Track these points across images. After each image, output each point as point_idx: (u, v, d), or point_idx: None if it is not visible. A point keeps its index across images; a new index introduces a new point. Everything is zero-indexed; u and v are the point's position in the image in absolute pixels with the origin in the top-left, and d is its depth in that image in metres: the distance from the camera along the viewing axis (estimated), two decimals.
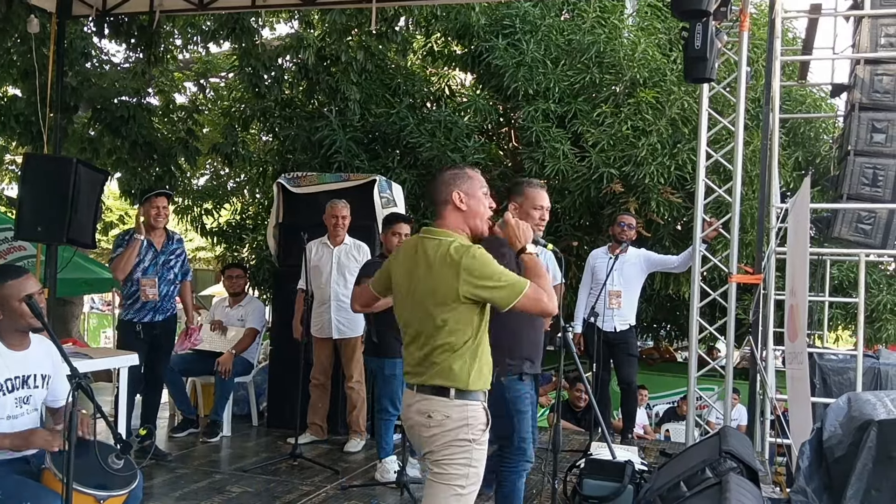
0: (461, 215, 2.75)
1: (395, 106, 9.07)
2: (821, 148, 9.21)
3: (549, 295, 2.62)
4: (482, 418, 2.68)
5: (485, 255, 2.62)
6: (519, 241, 2.75)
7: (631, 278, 6.32)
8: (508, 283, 2.58)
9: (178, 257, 5.64)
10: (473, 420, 2.66)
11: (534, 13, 8.99)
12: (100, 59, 10.24)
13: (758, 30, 8.46)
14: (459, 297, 2.59)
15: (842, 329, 10.46)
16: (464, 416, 2.64)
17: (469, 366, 2.65)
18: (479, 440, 2.67)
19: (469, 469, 2.65)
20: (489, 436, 2.75)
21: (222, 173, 12.81)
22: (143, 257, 5.44)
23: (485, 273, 2.58)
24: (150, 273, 5.44)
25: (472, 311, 2.64)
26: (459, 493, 2.64)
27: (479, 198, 2.76)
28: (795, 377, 4.88)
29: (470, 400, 2.66)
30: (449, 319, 2.63)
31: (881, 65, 5.66)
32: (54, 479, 2.79)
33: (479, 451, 2.67)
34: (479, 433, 2.67)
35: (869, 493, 2.92)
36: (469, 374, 2.65)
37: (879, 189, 5.54)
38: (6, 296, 2.98)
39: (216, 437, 6.04)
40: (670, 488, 3.67)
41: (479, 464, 2.68)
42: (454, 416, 2.64)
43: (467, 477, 2.65)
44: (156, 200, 5.49)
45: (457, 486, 2.64)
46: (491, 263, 2.61)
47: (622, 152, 8.00)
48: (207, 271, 17.46)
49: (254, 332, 6.49)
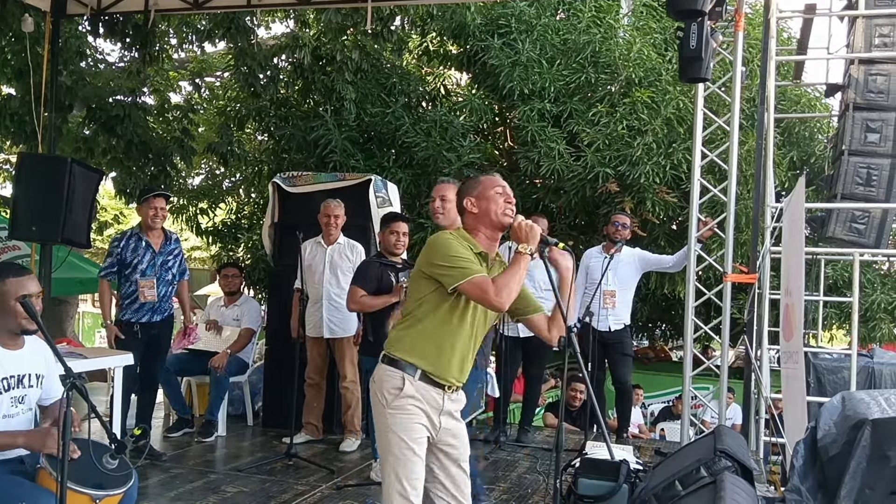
0: (474, 217, 2.95)
1: (390, 105, 9.07)
2: (815, 148, 9.24)
3: (502, 290, 2.72)
4: (396, 383, 2.80)
5: (448, 240, 2.84)
6: (520, 240, 2.84)
7: (626, 278, 6.32)
8: (458, 268, 2.75)
9: (176, 257, 5.63)
10: (387, 384, 2.82)
11: (529, 13, 9.00)
12: (95, 58, 10.23)
13: (753, 30, 8.48)
14: (420, 270, 2.87)
15: (836, 328, 10.50)
16: (380, 378, 2.85)
17: (404, 336, 2.87)
18: (393, 405, 2.79)
19: (389, 434, 2.78)
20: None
21: (217, 173, 12.82)
22: (142, 258, 5.42)
23: (441, 254, 2.80)
24: (149, 274, 5.41)
25: (429, 286, 2.84)
26: (386, 458, 2.79)
27: (489, 197, 2.91)
28: (791, 376, 4.89)
29: (390, 366, 2.84)
30: (411, 291, 2.94)
31: (875, 65, 5.68)
32: (49, 478, 2.79)
33: (394, 415, 2.78)
34: (391, 397, 2.79)
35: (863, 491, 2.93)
36: (398, 343, 2.87)
37: (873, 189, 5.56)
38: (4, 292, 2.97)
39: (211, 437, 6.03)
40: (665, 487, 3.68)
41: (399, 428, 2.77)
42: (376, 378, 2.88)
43: (388, 442, 2.78)
44: (153, 201, 5.47)
45: (383, 453, 2.82)
46: (450, 247, 2.80)
47: (617, 152, 8.01)
48: (203, 271, 17.45)
49: (250, 332, 6.49)
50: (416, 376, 2.81)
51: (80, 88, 8.91)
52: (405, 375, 2.81)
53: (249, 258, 10.34)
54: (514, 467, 5.61)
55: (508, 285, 2.74)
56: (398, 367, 2.82)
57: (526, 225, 2.86)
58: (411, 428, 2.79)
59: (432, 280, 2.82)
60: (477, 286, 2.73)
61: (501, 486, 5.11)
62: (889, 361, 5.88)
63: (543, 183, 8.66)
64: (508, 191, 2.98)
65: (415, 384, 2.80)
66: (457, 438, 2.95)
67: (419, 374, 2.82)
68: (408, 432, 2.78)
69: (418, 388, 2.81)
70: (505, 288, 2.73)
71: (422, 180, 8.72)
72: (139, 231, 5.48)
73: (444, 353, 2.85)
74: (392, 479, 2.74)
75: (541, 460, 5.79)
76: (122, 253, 5.38)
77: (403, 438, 2.76)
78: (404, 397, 2.79)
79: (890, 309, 9.03)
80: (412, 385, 2.80)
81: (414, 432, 2.79)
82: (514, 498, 4.86)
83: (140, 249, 5.40)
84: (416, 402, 2.80)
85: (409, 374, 2.81)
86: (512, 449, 6.12)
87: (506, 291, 2.73)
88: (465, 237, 2.92)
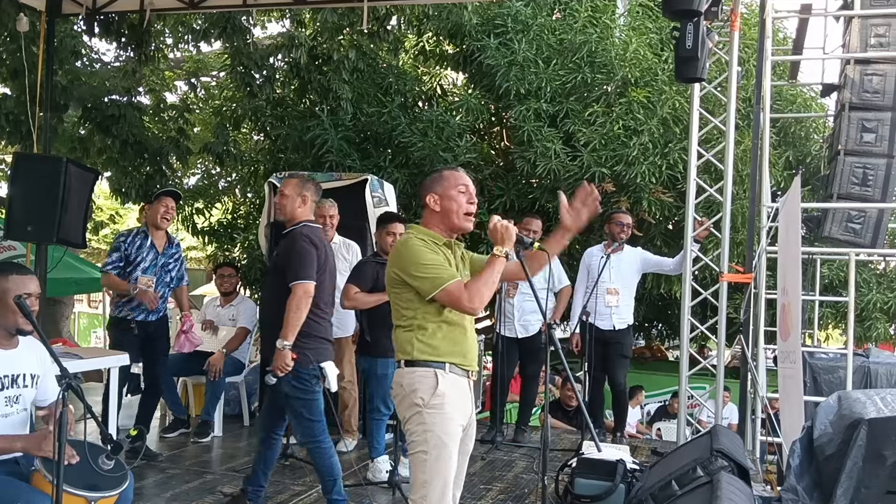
0: (437, 216, 2.94)
1: (386, 105, 9.06)
2: (811, 147, 9.24)
3: (475, 297, 2.76)
4: (430, 382, 2.81)
5: (415, 246, 2.84)
6: (496, 242, 2.84)
7: (628, 277, 6.32)
8: (429, 277, 2.78)
9: (177, 262, 5.66)
10: (420, 385, 2.82)
11: (525, 13, 9.00)
12: (90, 57, 10.20)
13: (749, 29, 8.49)
14: (394, 278, 2.88)
15: (832, 328, 10.52)
16: (411, 383, 2.84)
17: (415, 339, 2.85)
18: (430, 404, 2.80)
19: (427, 434, 2.78)
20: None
21: (213, 172, 12.79)
22: (145, 257, 5.45)
23: (411, 262, 2.82)
24: (149, 273, 5.45)
25: (409, 289, 2.85)
26: (424, 458, 2.78)
27: (451, 196, 2.91)
28: (788, 375, 4.90)
29: (417, 367, 2.84)
30: (394, 299, 2.93)
31: (871, 65, 5.68)
32: (44, 480, 2.78)
33: (431, 414, 2.79)
34: (428, 397, 2.80)
35: (859, 490, 2.94)
36: (413, 346, 2.85)
37: (869, 188, 5.58)
38: (5, 289, 2.97)
39: (207, 438, 6.02)
40: (662, 487, 3.69)
41: (437, 428, 2.78)
42: (404, 384, 2.87)
43: (427, 442, 2.78)
44: (164, 199, 5.48)
45: (419, 451, 2.80)
46: (419, 254, 2.81)
47: (614, 152, 8.01)
48: (199, 271, 17.41)
49: (245, 331, 6.47)
50: (447, 369, 2.85)
51: (75, 88, 8.89)
52: (437, 371, 2.83)
53: (245, 258, 10.32)
54: (510, 467, 5.61)
55: (481, 291, 2.78)
56: (427, 366, 2.84)
57: (502, 226, 2.85)
58: (450, 428, 2.81)
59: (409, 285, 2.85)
60: (449, 294, 2.77)
61: (498, 486, 5.10)
62: (885, 361, 5.90)
63: (540, 183, 8.66)
64: (472, 189, 2.97)
65: (447, 377, 2.84)
66: (472, 427, 3.03)
67: (448, 366, 2.86)
68: (447, 431, 2.80)
69: (450, 381, 2.84)
70: (477, 294, 2.77)
71: (418, 180, 8.70)
72: (146, 230, 5.50)
73: (460, 343, 2.90)
74: (428, 478, 2.76)
75: (537, 460, 5.79)
76: (128, 249, 5.41)
77: (443, 438, 2.78)
78: (440, 395, 2.81)
79: (886, 308, 9.04)
80: (445, 380, 2.83)
81: (452, 432, 2.82)
82: (511, 498, 4.86)
83: (145, 248, 5.44)
84: (451, 398, 2.83)
85: (440, 369, 2.84)
86: (509, 449, 6.12)
87: (478, 298, 2.78)
88: (428, 234, 2.92)
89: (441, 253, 2.88)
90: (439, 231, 2.93)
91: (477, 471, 5.42)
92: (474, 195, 2.96)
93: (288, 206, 4.10)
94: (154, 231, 5.50)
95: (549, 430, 2.98)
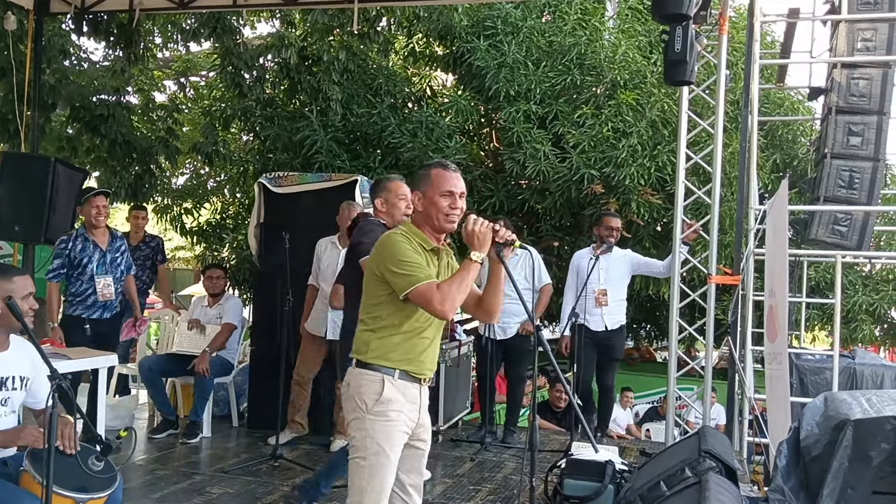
0: (420, 216, 2.88)
1: (376, 106, 9.06)
2: (798, 150, 9.29)
3: (446, 299, 2.69)
4: (375, 388, 2.75)
5: (398, 242, 2.77)
6: (472, 246, 2.75)
7: (618, 279, 6.36)
8: (406, 274, 2.71)
9: (122, 254, 5.69)
10: (365, 389, 2.76)
11: (515, 15, 9.02)
12: (78, 56, 10.14)
13: (737, 33, 8.54)
14: (373, 272, 2.81)
15: (818, 329, 10.57)
16: (357, 385, 2.79)
17: (372, 340, 2.80)
18: (373, 410, 2.74)
19: (367, 440, 2.73)
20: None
21: (202, 172, 12.74)
22: (91, 258, 5.44)
23: (391, 257, 2.74)
24: (101, 272, 5.46)
25: (386, 287, 2.78)
26: (362, 465, 2.74)
27: (433, 201, 2.82)
28: (775, 377, 4.93)
29: (369, 370, 2.78)
30: (366, 294, 2.85)
31: (857, 69, 5.73)
32: (33, 481, 2.77)
33: (373, 421, 2.74)
34: (371, 403, 2.74)
35: (845, 491, 2.96)
36: (368, 348, 2.80)
37: (855, 191, 5.62)
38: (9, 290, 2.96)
39: (196, 438, 6.00)
40: (650, 488, 3.70)
41: (378, 435, 2.73)
42: (351, 384, 2.82)
43: (366, 448, 2.73)
44: (95, 200, 5.51)
45: (358, 457, 2.75)
46: (400, 250, 2.74)
47: (603, 153, 8.04)
48: (187, 271, 17.33)
49: (230, 327, 6.38)
50: (396, 376, 2.78)
51: (63, 87, 8.83)
52: (385, 377, 2.77)
53: (234, 258, 10.30)
54: (499, 468, 5.62)
55: (452, 295, 2.70)
56: (376, 371, 2.78)
57: (479, 231, 2.74)
58: (392, 436, 2.75)
59: (385, 282, 2.78)
60: (421, 294, 2.69)
61: (487, 486, 5.12)
62: (870, 362, 5.95)
63: (529, 184, 8.69)
64: (458, 191, 2.83)
65: (395, 384, 2.77)
66: (427, 432, 2.96)
67: (398, 373, 2.79)
68: (388, 440, 2.74)
69: (399, 388, 2.78)
70: (448, 298, 2.69)
71: (408, 181, 8.70)
72: (84, 231, 5.50)
73: (418, 349, 2.83)
74: (365, 484, 2.72)
75: (526, 461, 5.80)
76: (69, 254, 5.41)
77: (383, 446, 2.73)
78: (385, 402, 2.75)
79: (871, 310, 9.11)
80: (392, 386, 2.77)
81: (395, 440, 2.76)
82: (500, 499, 4.87)
83: (88, 249, 5.44)
84: (397, 405, 2.77)
85: (389, 375, 2.77)
86: (498, 450, 6.13)
87: (449, 301, 2.70)
88: (415, 233, 2.85)
89: (424, 256, 2.80)
90: (427, 232, 2.86)
91: (466, 472, 5.44)
92: (459, 199, 2.83)
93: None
94: (93, 231, 5.50)
95: (537, 431, 2.96)
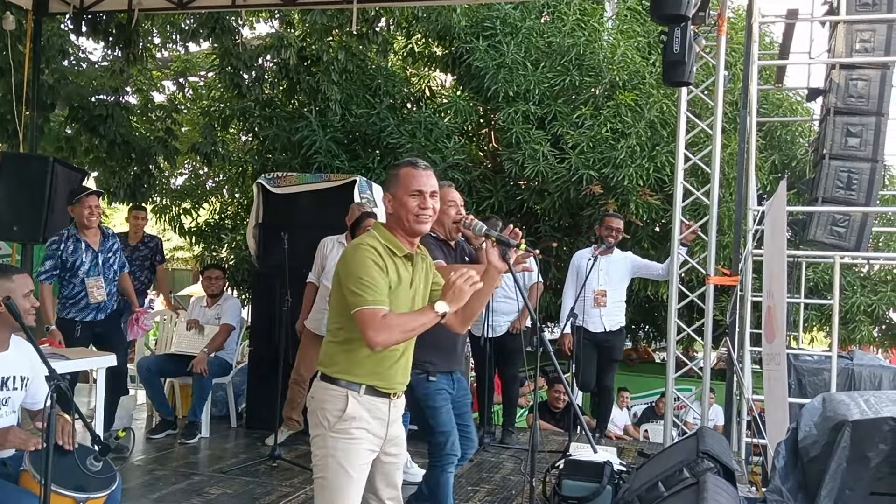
0: (391, 218, 2.70)
1: (375, 106, 9.07)
2: (797, 151, 9.32)
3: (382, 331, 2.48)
4: (338, 404, 2.58)
5: (358, 257, 2.56)
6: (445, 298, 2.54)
7: (617, 280, 6.35)
8: (357, 293, 2.51)
9: (115, 254, 5.59)
10: (328, 405, 2.59)
11: (514, 15, 9.03)
12: (77, 56, 10.14)
13: (735, 34, 8.55)
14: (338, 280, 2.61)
15: (817, 330, 10.60)
16: (321, 399, 2.62)
17: (338, 353, 2.63)
18: (335, 427, 2.57)
19: (328, 459, 2.57)
20: None
21: (201, 173, 12.74)
22: (83, 259, 5.36)
23: (351, 272, 2.55)
24: (93, 274, 5.37)
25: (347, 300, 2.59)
26: (323, 484, 2.59)
27: (402, 202, 2.64)
28: (773, 378, 4.93)
29: (332, 385, 2.61)
30: (333, 302, 2.67)
31: (856, 70, 5.74)
32: (33, 480, 2.77)
33: (336, 440, 2.57)
34: (334, 419, 2.58)
35: (843, 492, 2.96)
36: (333, 361, 2.63)
37: (854, 192, 5.63)
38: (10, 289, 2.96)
39: (194, 439, 5.99)
40: (648, 488, 3.70)
41: (339, 455, 2.56)
42: (315, 398, 2.65)
43: (327, 468, 2.57)
44: (86, 200, 5.39)
45: (320, 477, 2.60)
46: (359, 267, 2.54)
47: (601, 154, 8.06)
48: (186, 271, 17.32)
49: (228, 327, 6.38)
50: (362, 391, 2.61)
51: (62, 87, 8.83)
52: (349, 394, 2.59)
53: (233, 259, 10.30)
54: (498, 469, 5.63)
55: (394, 334, 2.51)
56: (340, 386, 2.60)
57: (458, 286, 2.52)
58: (355, 454, 2.59)
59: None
60: (362, 317, 2.50)
61: (486, 487, 5.12)
62: (868, 363, 5.96)
63: (528, 185, 8.70)
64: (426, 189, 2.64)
65: (360, 400, 2.60)
66: (399, 447, 2.79)
67: (364, 388, 2.61)
68: (350, 460, 2.57)
69: (364, 404, 2.61)
70: (387, 332, 2.49)
71: None
72: (76, 232, 5.40)
73: (386, 362, 2.65)
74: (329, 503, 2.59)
75: (525, 461, 5.81)
76: (62, 254, 5.33)
77: (344, 466, 2.56)
78: (348, 419, 2.58)
79: (869, 311, 9.13)
80: (357, 402, 2.59)
81: (357, 459, 2.59)
82: (498, 500, 4.87)
83: (80, 250, 5.32)
84: (361, 423, 2.60)
85: (354, 391, 2.60)
86: (496, 451, 6.13)
87: (385, 336, 2.49)
88: (388, 239, 2.66)
89: (391, 266, 2.61)
90: (400, 236, 2.66)
91: (464, 472, 5.44)
92: (430, 198, 2.64)
93: None
94: (84, 231, 5.39)
95: (538, 432, 2.94)
